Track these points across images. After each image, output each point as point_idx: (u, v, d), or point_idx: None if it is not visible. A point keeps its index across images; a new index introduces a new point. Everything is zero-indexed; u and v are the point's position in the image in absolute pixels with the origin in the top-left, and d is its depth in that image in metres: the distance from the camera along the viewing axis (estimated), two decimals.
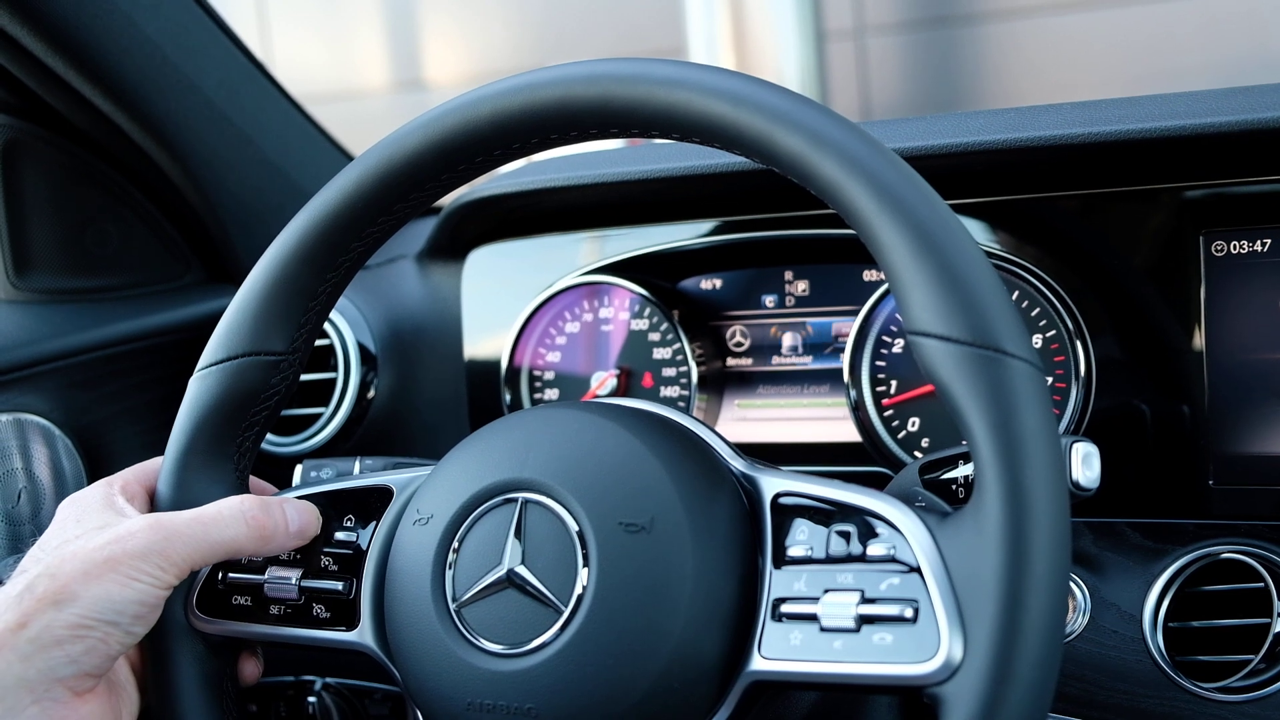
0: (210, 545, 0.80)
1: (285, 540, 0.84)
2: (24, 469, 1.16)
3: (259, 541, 0.82)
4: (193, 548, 0.79)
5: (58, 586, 0.76)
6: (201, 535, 0.80)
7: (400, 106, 5.10)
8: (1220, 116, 0.94)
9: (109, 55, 1.19)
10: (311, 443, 1.25)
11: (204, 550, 0.80)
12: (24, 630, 0.75)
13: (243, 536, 0.81)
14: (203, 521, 0.80)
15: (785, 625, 0.71)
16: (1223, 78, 3.66)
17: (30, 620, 0.75)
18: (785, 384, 1.14)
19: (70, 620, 0.75)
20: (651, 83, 0.73)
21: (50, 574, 0.76)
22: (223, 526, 0.81)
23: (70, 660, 0.75)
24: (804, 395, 1.13)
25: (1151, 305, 0.99)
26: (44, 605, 0.75)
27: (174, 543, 0.78)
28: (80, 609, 0.75)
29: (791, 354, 1.14)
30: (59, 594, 0.75)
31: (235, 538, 0.81)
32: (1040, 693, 0.64)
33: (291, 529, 0.84)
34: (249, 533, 0.82)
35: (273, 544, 0.83)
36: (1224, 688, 0.89)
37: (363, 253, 0.85)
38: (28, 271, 1.26)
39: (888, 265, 0.69)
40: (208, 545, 0.80)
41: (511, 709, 0.73)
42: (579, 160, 1.20)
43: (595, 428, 0.77)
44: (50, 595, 0.75)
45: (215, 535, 0.80)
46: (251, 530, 0.82)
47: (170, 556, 0.78)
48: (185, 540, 0.79)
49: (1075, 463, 0.72)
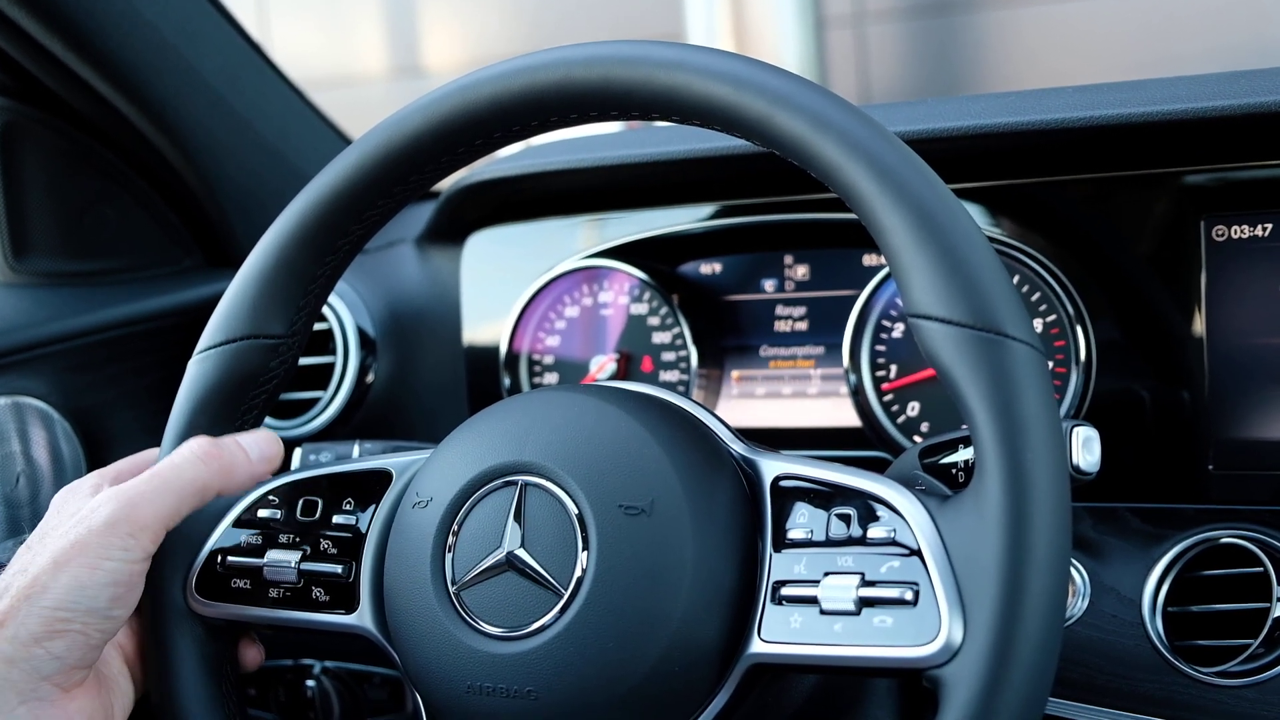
0: (174, 495, 0.78)
1: (250, 468, 0.82)
2: (22, 452, 1.16)
3: (222, 475, 0.81)
4: (157, 504, 0.77)
5: (29, 580, 0.74)
6: (162, 488, 0.78)
7: (398, 92, 5.09)
8: (1222, 100, 0.93)
9: (109, 39, 1.19)
10: (310, 426, 1.25)
11: (170, 502, 0.78)
12: (3, 630, 0.73)
13: (204, 475, 0.79)
14: (160, 475, 0.78)
15: (785, 608, 0.71)
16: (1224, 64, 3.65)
17: (7, 619, 0.74)
18: (785, 368, 1.14)
19: (45, 614, 0.74)
20: (652, 65, 0.73)
21: (23, 569, 0.75)
22: (180, 472, 0.79)
23: (53, 657, 0.74)
24: (803, 380, 1.13)
25: (1152, 290, 0.99)
26: (19, 602, 0.74)
27: (138, 506, 0.76)
28: (53, 600, 0.74)
29: (791, 338, 1.14)
30: (30, 588, 0.74)
31: (195, 478, 0.79)
32: (1040, 676, 0.64)
33: (252, 456, 0.83)
34: (209, 470, 0.80)
35: (237, 475, 0.82)
36: (1223, 672, 0.89)
37: (362, 236, 0.85)
38: (26, 255, 1.26)
39: (888, 248, 0.68)
40: (172, 494, 0.78)
41: (511, 692, 0.73)
42: (578, 144, 1.20)
43: (595, 411, 0.77)
44: (23, 591, 0.74)
45: (175, 483, 0.78)
46: (211, 467, 0.80)
47: (137, 521, 0.76)
48: (148, 499, 0.77)
49: (1076, 447, 0.72)
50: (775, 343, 1.14)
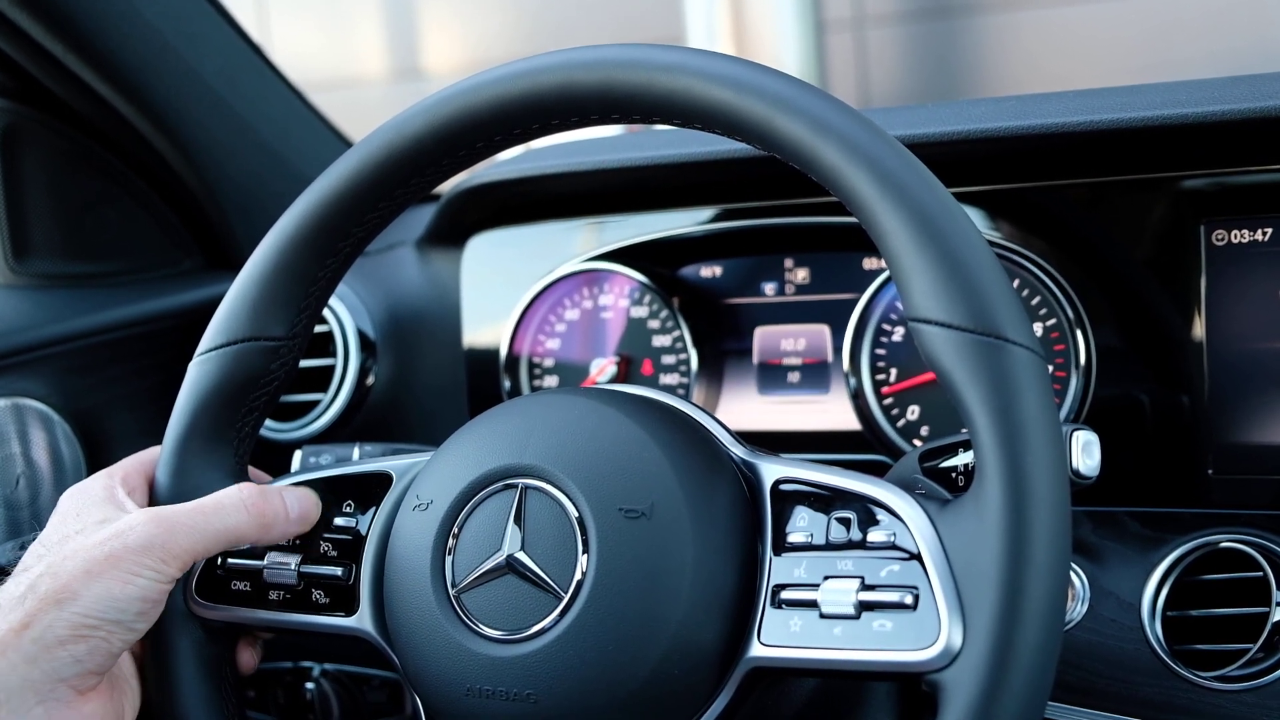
0: (212, 535, 0.80)
1: (286, 527, 0.84)
2: (22, 454, 1.16)
3: (260, 529, 0.82)
4: (194, 539, 0.79)
5: (59, 585, 0.75)
6: (203, 525, 0.79)
7: (398, 94, 5.09)
8: (1222, 105, 0.93)
9: (110, 40, 1.19)
10: (310, 429, 1.25)
11: (206, 541, 0.79)
12: (27, 631, 0.74)
13: (244, 524, 0.81)
14: (203, 512, 0.80)
15: (785, 612, 0.71)
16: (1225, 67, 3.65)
17: (34, 621, 0.74)
18: (785, 371, 1.14)
19: (73, 620, 0.74)
20: (653, 68, 0.73)
21: (52, 573, 0.76)
22: (223, 515, 0.80)
23: (75, 660, 0.75)
24: (803, 383, 1.13)
25: (1152, 294, 0.99)
26: (47, 605, 0.75)
27: (175, 535, 0.78)
28: (82, 608, 0.75)
29: (791, 341, 1.14)
30: (60, 593, 0.75)
31: (236, 525, 0.81)
32: (1040, 680, 0.64)
33: (292, 515, 0.84)
34: (250, 520, 0.81)
35: (274, 531, 0.83)
36: (1222, 676, 0.90)
37: (363, 238, 0.85)
38: (27, 256, 1.26)
39: (889, 251, 0.69)
40: (209, 535, 0.80)
41: (511, 695, 0.73)
42: (579, 147, 1.20)
43: (595, 414, 0.77)
44: (53, 595, 0.75)
45: (216, 525, 0.80)
46: (252, 518, 0.82)
47: (171, 549, 0.78)
48: (186, 532, 0.79)
49: (1075, 451, 0.72)
50: (775, 346, 1.14)
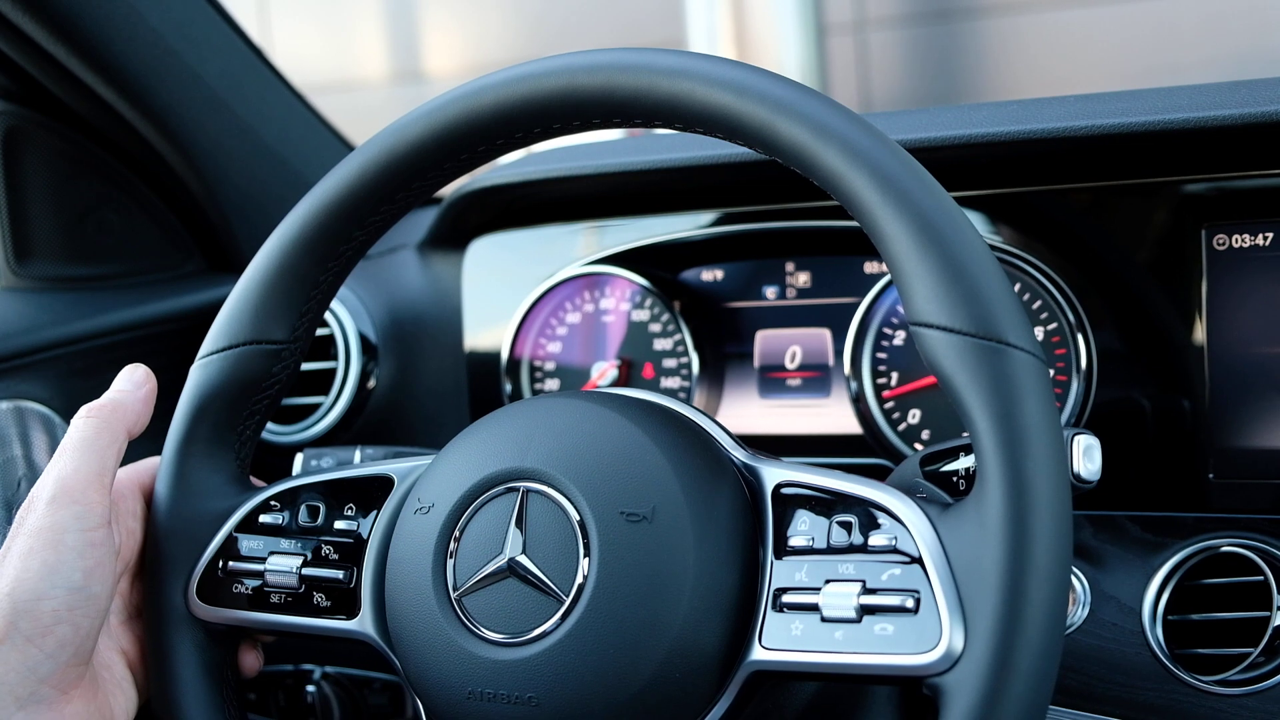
0: (90, 453, 0.81)
1: (133, 394, 0.85)
2: (24, 456, 1.15)
3: (114, 415, 0.83)
4: (83, 469, 0.80)
5: (11, 579, 0.76)
6: (74, 454, 0.80)
7: (399, 97, 5.09)
8: (1222, 110, 0.94)
9: (112, 44, 1.19)
10: (312, 432, 1.25)
11: (92, 462, 0.80)
12: None
13: (95, 425, 0.82)
14: (68, 445, 0.81)
15: (786, 615, 0.71)
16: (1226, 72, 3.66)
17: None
18: (786, 375, 1.14)
19: (31, 608, 0.75)
20: (655, 72, 0.73)
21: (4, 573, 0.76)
22: (81, 434, 0.81)
23: (48, 656, 0.75)
24: (804, 387, 1.13)
25: (1153, 298, 0.99)
26: (4, 603, 0.75)
27: (67, 478, 0.79)
28: (30, 590, 0.75)
29: (792, 345, 1.14)
30: (13, 587, 0.75)
31: (95, 432, 0.82)
32: (1041, 684, 0.64)
33: (126, 386, 0.85)
34: (100, 418, 0.82)
35: (128, 407, 0.84)
36: (1223, 681, 0.90)
37: (364, 241, 0.85)
38: (29, 259, 1.26)
39: (890, 256, 0.69)
40: (90, 454, 0.80)
41: (512, 698, 0.73)
42: (580, 150, 1.20)
43: (597, 417, 0.77)
44: (6, 592, 0.75)
45: (81, 443, 0.81)
46: (100, 415, 0.82)
47: (73, 491, 0.78)
48: (73, 467, 0.79)
49: (1076, 455, 0.72)
50: (777, 350, 1.14)
